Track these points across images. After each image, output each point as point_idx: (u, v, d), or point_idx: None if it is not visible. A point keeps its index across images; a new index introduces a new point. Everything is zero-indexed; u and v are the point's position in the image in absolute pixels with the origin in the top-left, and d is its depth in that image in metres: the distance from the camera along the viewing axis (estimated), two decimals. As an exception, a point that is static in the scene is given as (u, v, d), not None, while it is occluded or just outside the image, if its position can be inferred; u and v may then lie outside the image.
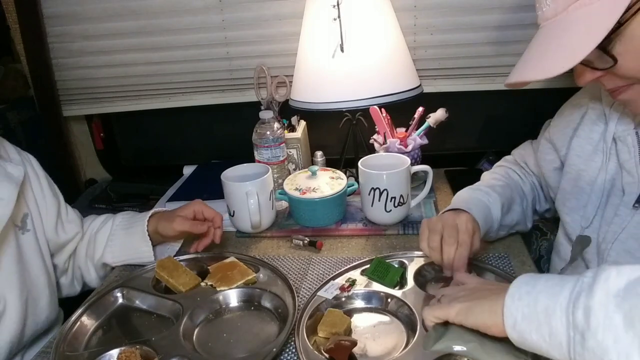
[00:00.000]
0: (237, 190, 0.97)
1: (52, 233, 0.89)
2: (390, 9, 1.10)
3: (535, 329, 0.43)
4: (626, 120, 0.68)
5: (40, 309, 0.83)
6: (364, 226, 1.02)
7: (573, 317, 0.41)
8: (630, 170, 0.65)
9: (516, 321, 0.45)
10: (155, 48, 1.31)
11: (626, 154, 0.67)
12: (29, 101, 1.44)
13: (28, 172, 0.85)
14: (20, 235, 0.81)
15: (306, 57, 1.11)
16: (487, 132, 1.38)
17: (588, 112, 0.75)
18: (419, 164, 1.13)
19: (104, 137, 1.50)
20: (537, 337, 0.44)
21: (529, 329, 0.44)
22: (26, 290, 0.79)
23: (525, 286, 0.46)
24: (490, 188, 0.87)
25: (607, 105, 0.72)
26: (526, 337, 0.44)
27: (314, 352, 0.64)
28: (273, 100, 1.26)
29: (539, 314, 0.43)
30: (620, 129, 0.68)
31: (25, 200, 0.84)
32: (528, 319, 0.44)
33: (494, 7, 1.15)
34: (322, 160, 1.24)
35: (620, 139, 0.68)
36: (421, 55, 1.23)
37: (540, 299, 0.44)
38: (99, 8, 1.27)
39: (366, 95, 1.04)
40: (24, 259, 0.80)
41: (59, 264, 0.93)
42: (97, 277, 0.96)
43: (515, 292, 0.46)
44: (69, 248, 0.94)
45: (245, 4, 1.24)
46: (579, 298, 0.41)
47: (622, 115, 0.69)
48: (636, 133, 0.67)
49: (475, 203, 0.82)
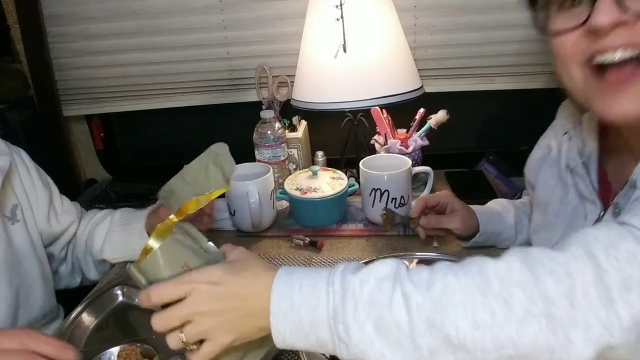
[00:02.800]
0: (237, 190, 0.97)
1: (45, 224, 0.89)
2: (392, 10, 1.10)
3: (303, 339, 0.46)
4: (572, 153, 0.67)
5: (34, 299, 0.82)
6: (364, 227, 1.02)
7: (336, 329, 0.45)
8: (590, 199, 0.64)
9: (285, 336, 0.47)
10: (155, 48, 1.31)
11: (582, 184, 0.65)
12: (29, 101, 1.44)
13: (16, 163, 0.85)
14: (9, 226, 0.81)
15: (308, 57, 1.11)
16: (487, 132, 1.38)
17: (551, 145, 0.74)
18: (420, 165, 1.13)
19: (104, 137, 1.50)
20: (306, 345, 0.47)
21: (297, 340, 0.46)
22: (17, 279, 0.79)
23: (284, 301, 0.47)
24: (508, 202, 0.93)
25: (558, 137, 0.71)
26: (296, 346, 0.47)
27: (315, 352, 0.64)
28: (274, 100, 1.26)
29: (305, 327, 0.46)
30: (570, 161, 0.68)
31: (14, 191, 0.83)
32: (295, 333, 0.46)
33: (494, 7, 1.15)
34: (323, 160, 1.24)
35: (574, 171, 0.67)
36: (421, 55, 1.23)
37: (302, 314, 0.46)
38: (99, 8, 1.27)
39: (368, 95, 1.04)
40: (14, 249, 0.80)
41: (55, 252, 0.92)
42: (95, 271, 0.96)
43: (277, 311, 0.46)
44: (64, 238, 0.93)
45: (245, 4, 1.24)
46: (337, 314, 0.45)
47: (570, 147, 0.68)
48: (583, 163, 0.65)
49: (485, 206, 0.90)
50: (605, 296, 0.39)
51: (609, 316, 0.39)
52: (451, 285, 0.43)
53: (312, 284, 0.47)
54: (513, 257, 0.43)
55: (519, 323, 0.40)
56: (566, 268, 0.41)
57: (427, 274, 0.45)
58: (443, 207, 0.87)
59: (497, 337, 0.40)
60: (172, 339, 0.50)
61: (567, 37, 0.53)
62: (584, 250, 0.42)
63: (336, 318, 0.45)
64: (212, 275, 0.49)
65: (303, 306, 0.46)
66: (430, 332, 0.42)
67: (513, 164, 0.83)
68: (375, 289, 0.45)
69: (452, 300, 0.42)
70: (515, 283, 0.41)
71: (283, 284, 0.48)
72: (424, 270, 0.46)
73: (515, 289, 0.41)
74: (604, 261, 0.40)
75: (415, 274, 0.45)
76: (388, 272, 0.46)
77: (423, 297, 0.43)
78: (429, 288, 0.43)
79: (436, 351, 0.42)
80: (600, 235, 0.43)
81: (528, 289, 0.40)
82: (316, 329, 0.46)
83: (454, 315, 0.41)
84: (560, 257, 0.42)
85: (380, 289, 0.45)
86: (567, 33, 0.53)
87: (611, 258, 0.40)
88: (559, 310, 0.39)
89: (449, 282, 0.43)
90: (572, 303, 0.39)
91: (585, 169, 0.65)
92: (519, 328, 0.40)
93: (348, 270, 0.48)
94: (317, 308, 0.46)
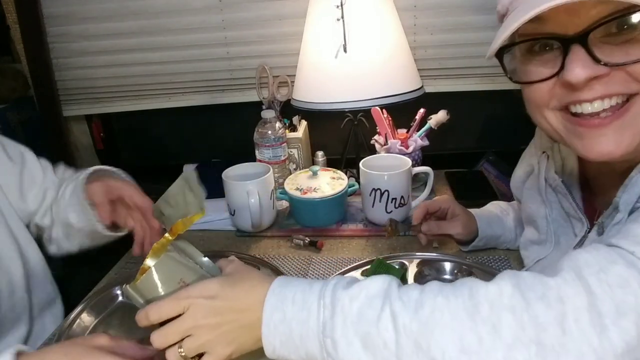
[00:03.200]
0: (238, 189, 0.97)
1: (18, 200, 0.85)
2: (393, 10, 1.10)
3: (293, 351, 0.47)
4: (551, 172, 0.66)
5: (14, 274, 0.79)
6: (364, 227, 1.02)
7: (324, 344, 0.45)
8: (575, 216, 0.64)
9: (275, 348, 0.47)
10: (155, 48, 1.31)
11: (566, 203, 0.65)
12: (29, 101, 1.44)
13: None
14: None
15: (309, 57, 1.11)
16: (487, 132, 1.38)
17: (533, 162, 0.74)
18: (420, 165, 1.13)
19: (104, 137, 1.50)
20: (297, 357, 0.47)
21: (287, 352, 0.47)
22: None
23: (276, 313, 0.47)
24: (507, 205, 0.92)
25: (538, 155, 0.71)
26: (286, 358, 0.48)
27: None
28: (274, 100, 1.26)
29: (295, 340, 0.46)
30: (550, 180, 0.67)
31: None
32: (286, 345, 0.47)
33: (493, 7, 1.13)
34: (323, 160, 1.24)
35: (556, 189, 0.66)
36: (421, 55, 1.23)
37: (293, 327, 0.46)
38: (99, 8, 1.27)
39: (368, 95, 1.04)
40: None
41: (39, 222, 0.89)
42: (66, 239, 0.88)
43: (269, 322, 0.47)
44: (43, 207, 0.89)
45: (245, 4, 1.24)
46: (325, 329, 0.45)
47: (549, 165, 0.67)
48: (562, 181, 0.65)
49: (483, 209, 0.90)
50: (598, 323, 0.38)
51: (602, 343, 0.38)
52: (440, 307, 0.42)
53: (304, 297, 0.47)
54: (505, 280, 0.42)
55: (508, 349, 0.39)
56: (557, 293, 0.40)
57: (418, 294, 0.45)
58: (444, 212, 0.86)
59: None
60: (172, 354, 0.50)
61: (540, 85, 0.52)
62: (576, 275, 0.41)
63: (325, 332, 0.45)
64: (208, 290, 0.50)
65: (294, 319, 0.47)
66: (416, 354, 0.41)
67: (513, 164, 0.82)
68: (365, 305, 0.45)
69: (439, 322, 0.42)
70: (506, 307, 0.40)
71: (276, 297, 0.48)
72: (416, 289, 0.45)
73: (505, 313, 0.40)
74: (596, 287, 0.39)
75: (406, 293, 0.45)
76: (379, 289, 0.46)
77: (411, 317, 0.42)
78: (417, 309, 0.43)
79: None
80: (590, 259, 0.42)
81: (518, 314, 0.40)
82: (306, 342, 0.46)
83: (440, 338, 0.41)
84: (551, 282, 0.41)
85: (369, 306, 0.45)
86: (540, 82, 0.51)
87: (603, 283, 0.40)
88: (549, 337, 0.39)
89: (438, 304, 0.43)
90: (564, 330, 0.38)
91: (566, 187, 0.64)
92: (507, 354, 0.39)
93: (340, 285, 0.48)
94: (308, 322, 0.46)
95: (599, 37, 0.46)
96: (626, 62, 0.46)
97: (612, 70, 0.47)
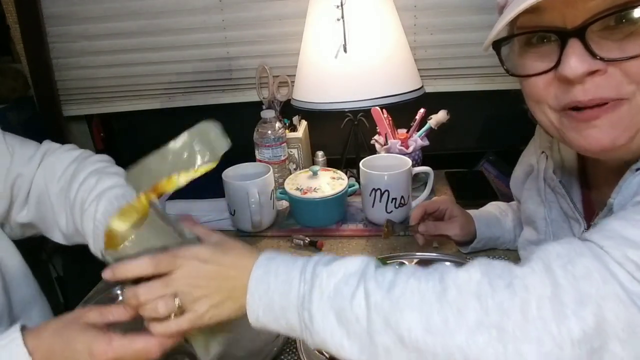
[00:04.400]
0: (238, 189, 0.97)
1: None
2: (393, 10, 1.10)
3: (274, 320, 0.50)
4: (550, 172, 0.67)
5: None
6: (364, 227, 1.02)
7: (302, 316, 0.48)
8: (573, 217, 0.64)
9: (258, 316, 0.50)
10: (155, 48, 1.31)
11: (564, 203, 0.65)
12: (29, 101, 1.44)
13: None
14: None
15: (309, 57, 1.11)
16: (487, 132, 1.38)
17: (532, 162, 0.74)
18: (420, 165, 1.13)
19: (104, 137, 1.50)
20: (278, 327, 0.50)
21: (269, 321, 0.50)
22: None
23: (261, 285, 0.50)
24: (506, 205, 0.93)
25: (537, 155, 0.71)
26: (267, 326, 0.51)
27: (315, 352, 0.64)
28: (274, 100, 1.26)
29: (276, 311, 0.49)
30: (549, 180, 0.67)
31: None
32: (268, 315, 0.50)
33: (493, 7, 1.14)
34: (323, 160, 1.24)
35: (555, 189, 0.66)
36: (421, 55, 1.23)
37: (275, 298, 0.49)
38: (99, 8, 1.27)
39: (368, 95, 1.04)
40: None
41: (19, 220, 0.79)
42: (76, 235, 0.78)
43: (254, 292, 0.50)
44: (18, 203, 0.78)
45: (245, 4, 1.24)
46: (304, 302, 0.48)
47: (547, 165, 0.67)
48: (560, 182, 0.65)
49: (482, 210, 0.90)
50: (559, 311, 0.39)
51: (561, 331, 0.38)
52: (411, 288, 0.44)
53: (287, 271, 0.50)
54: (475, 267, 0.44)
55: (470, 332, 0.40)
56: (523, 282, 0.41)
57: (392, 275, 0.47)
58: (442, 213, 0.86)
59: (447, 344, 0.41)
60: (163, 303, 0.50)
61: (537, 79, 0.52)
62: (543, 265, 0.42)
63: (303, 305, 0.48)
64: (202, 254, 0.52)
65: (277, 291, 0.49)
66: (385, 330, 0.43)
67: (513, 164, 0.82)
68: (341, 282, 0.47)
69: (409, 303, 0.43)
70: (472, 293, 0.42)
71: (261, 269, 0.51)
72: (390, 271, 0.48)
73: (471, 298, 0.42)
74: (561, 277, 0.40)
75: (381, 274, 0.47)
76: (357, 268, 0.48)
77: (382, 296, 0.44)
78: (390, 289, 0.45)
79: (390, 349, 0.43)
80: (561, 251, 0.43)
81: (483, 300, 0.41)
82: (286, 314, 0.49)
83: (409, 317, 0.43)
84: (518, 271, 0.42)
85: (345, 283, 0.47)
86: (536, 76, 0.52)
87: (568, 274, 0.40)
88: (511, 323, 0.40)
89: (409, 286, 0.44)
90: (526, 317, 0.39)
91: (564, 188, 0.65)
92: (469, 337, 0.40)
93: (321, 262, 0.50)
94: (289, 294, 0.49)
95: (597, 32, 0.46)
96: (623, 57, 0.46)
97: (608, 67, 0.47)
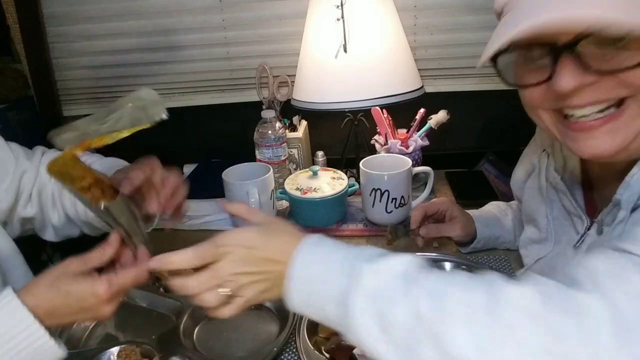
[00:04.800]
0: (238, 189, 0.97)
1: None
2: (393, 10, 1.10)
3: (313, 311, 0.49)
4: (551, 170, 0.67)
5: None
6: (364, 227, 1.02)
7: (340, 311, 0.46)
8: (576, 214, 0.64)
9: (297, 304, 0.50)
10: (155, 48, 1.31)
11: (567, 201, 0.65)
12: (29, 101, 1.44)
13: None
14: None
15: (309, 57, 1.11)
16: (487, 132, 1.38)
17: (533, 161, 0.74)
18: (420, 165, 1.13)
19: (104, 137, 1.50)
20: (315, 316, 0.49)
21: (308, 310, 0.49)
22: None
23: (304, 272, 0.49)
24: (506, 205, 0.93)
25: (538, 153, 0.71)
26: (305, 313, 0.50)
27: (315, 352, 0.64)
28: (274, 100, 1.26)
29: (315, 301, 0.48)
30: (550, 178, 0.67)
31: None
32: (306, 304, 0.49)
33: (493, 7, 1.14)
34: (323, 160, 1.24)
35: (557, 187, 0.66)
36: (421, 55, 1.23)
37: (314, 288, 0.48)
38: (99, 8, 1.27)
39: (368, 95, 1.04)
40: None
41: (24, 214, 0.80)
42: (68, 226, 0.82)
43: (295, 279, 0.49)
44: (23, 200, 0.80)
45: (245, 4, 1.24)
46: (343, 298, 0.46)
47: (549, 163, 0.68)
48: (561, 179, 0.65)
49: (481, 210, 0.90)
50: (622, 337, 0.37)
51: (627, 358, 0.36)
52: (462, 300, 0.41)
53: (332, 261, 0.48)
54: (530, 285, 0.41)
55: (521, 354, 0.38)
56: (578, 305, 0.39)
57: (440, 282, 0.44)
58: (442, 214, 0.86)
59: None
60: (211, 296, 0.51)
61: (533, 90, 0.53)
62: (593, 285, 0.40)
63: (342, 301, 0.46)
64: (249, 240, 0.52)
65: (318, 281, 0.48)
66: (429, 341, 0.41)
67: (513, 164, 0.82)
68: (386, 284, 0.45)
69: (457, 316, 0.41)
70: (527, 313, 0.40)
71: (304, 255, 0.50)
72: (437, 277, 0.45)
73: (525, 319, 0.39)
74: (619, 299, 0.38)
75: (430, 279, 0.44)
76: (404, 270, 0.45)
77: (430, 306, 0.42)
78: (440, 298, 0.42)
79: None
80: (604, 268, 0.41)
81: (541, 323, 0.39)
82: (324, 305, 0.47)
83: (457, 332, 0.40)
84: (572, 292, 0.40)
85: (390, 286, 0.44)
86: (532, 87, 0.52)
87: (624, 295, 0.39)
88: (568, 347, 0.37)
89: (461, 297, 0.42)
90: (584, 342, 0.37)
91: (566, 185, 0.65)
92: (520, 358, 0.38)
93: (367, 257, 0.48)
94: (329, 287, 0.47)
95: (590, 44, 0.46)
96: (616, 69, 0.46)
97: (602, 77, 0.47)
